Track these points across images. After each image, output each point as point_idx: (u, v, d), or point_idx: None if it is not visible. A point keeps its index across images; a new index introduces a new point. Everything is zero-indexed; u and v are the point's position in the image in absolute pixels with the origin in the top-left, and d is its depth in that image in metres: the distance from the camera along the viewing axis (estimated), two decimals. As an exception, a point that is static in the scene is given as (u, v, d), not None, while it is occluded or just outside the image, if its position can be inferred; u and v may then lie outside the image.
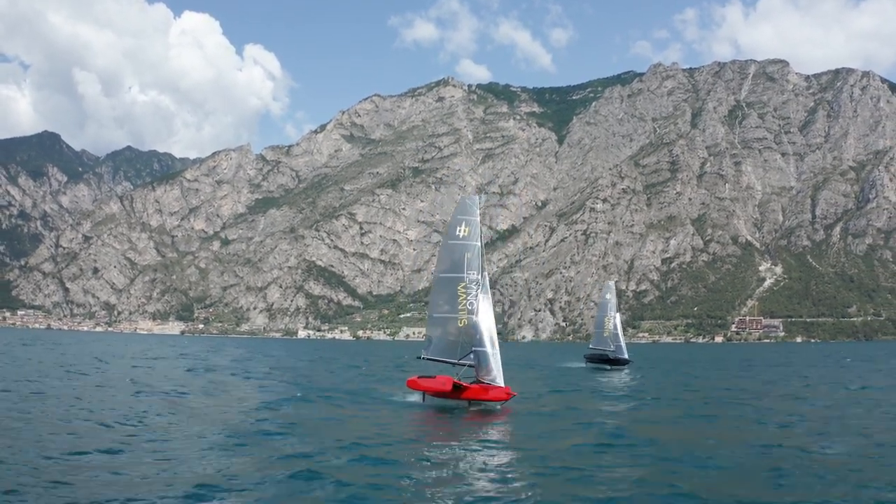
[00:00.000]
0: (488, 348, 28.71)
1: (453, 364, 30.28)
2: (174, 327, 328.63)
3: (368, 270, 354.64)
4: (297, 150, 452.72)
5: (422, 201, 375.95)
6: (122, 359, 68.91)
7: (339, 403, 31.25)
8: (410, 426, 26.27)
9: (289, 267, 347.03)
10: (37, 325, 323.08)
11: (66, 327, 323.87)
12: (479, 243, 30.07)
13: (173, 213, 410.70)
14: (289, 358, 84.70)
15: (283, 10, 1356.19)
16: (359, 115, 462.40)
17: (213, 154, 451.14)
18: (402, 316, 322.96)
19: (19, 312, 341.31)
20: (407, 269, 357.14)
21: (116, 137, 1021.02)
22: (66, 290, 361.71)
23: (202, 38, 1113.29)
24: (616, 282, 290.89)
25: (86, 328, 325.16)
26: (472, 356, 29.30)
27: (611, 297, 69.66)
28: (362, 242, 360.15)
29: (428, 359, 31.43)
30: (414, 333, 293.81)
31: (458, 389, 29.09)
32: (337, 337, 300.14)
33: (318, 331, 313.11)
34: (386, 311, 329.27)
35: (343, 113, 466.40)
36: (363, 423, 25.60)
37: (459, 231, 30.65)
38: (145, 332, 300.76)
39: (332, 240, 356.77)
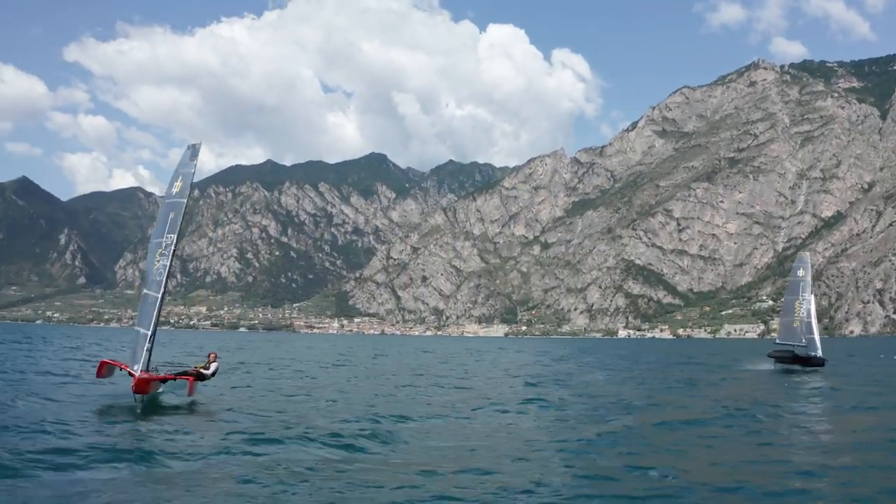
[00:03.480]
0: (143, 328, 25.66)
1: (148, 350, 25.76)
2: (498, 330, 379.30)
3: (688, 267, 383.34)
4: (611, 149, 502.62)
5: (740, 192, 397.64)
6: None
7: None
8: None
9: (607, 267, 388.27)
10: (372, 331, 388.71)
11: (398, 332, 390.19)
12: (185, 200, 27.38)
13: (494, 221, 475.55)
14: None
15: (585, 12, 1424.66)
16: (669, 109, 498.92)
17: (529, 161, 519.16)
18: (723, 313, 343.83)
19: (356, 320, 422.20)
20: (728, 264, 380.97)
21: (439, 152, 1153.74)
22: (398, 297, 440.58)
23: (510, 49, 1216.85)
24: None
25: (416, 332, 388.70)
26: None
27: (804, 274, 58.10)
28: (680, 239, 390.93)
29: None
30: (736, 331, 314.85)
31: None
32: (657, 336, 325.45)
33: (638, 330, 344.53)
34: (707, 308, 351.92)
35: (653, 108, 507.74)
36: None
37: (174, 187, 28.00)
38: (471, 335, 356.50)
39: (649, 238, 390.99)
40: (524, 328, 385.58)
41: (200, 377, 28.50)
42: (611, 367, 63.15)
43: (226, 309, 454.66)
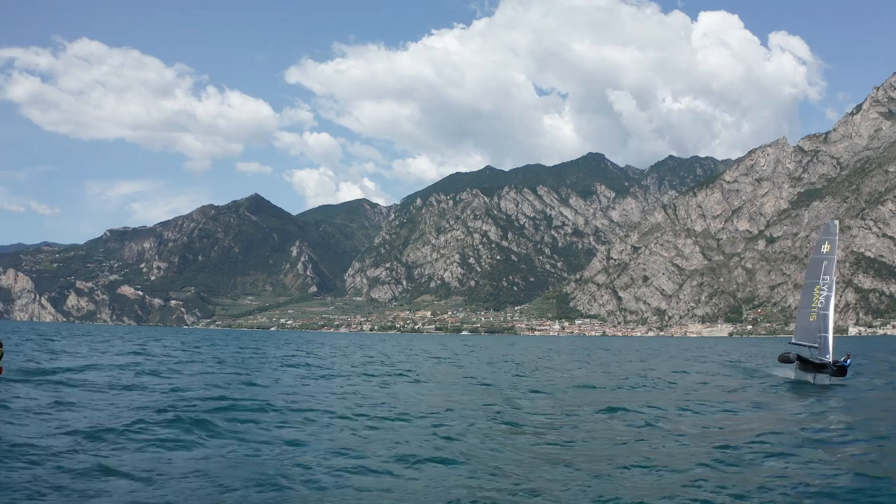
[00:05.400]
0: None
1: None
2: (722, 329, 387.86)
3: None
4: (835, 135, 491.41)
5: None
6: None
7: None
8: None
9: (837, 261, 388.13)
10: (592, 333, 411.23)
11: (619, 333, 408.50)
12: None
13: (716, 217, 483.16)
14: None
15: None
16: (894, 88, 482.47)
17: (750, 152, 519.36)
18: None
19: (577, 322, 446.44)
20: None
21: (658, 148, 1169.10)
22: (619, 298, 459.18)
23: (724, 36, 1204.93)
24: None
25: (638, 333, 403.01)
26: None
27: (829, 250, 48.61)
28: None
29: None
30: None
31: None
32: (888, 333, 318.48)
33: (870, 327, 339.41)
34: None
35: (877, 89, 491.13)
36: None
37: None
38: (695, 336, 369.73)
39: (879, 228, 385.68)
40: (749, 327, 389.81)
41: None
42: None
43: (449, 313, 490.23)
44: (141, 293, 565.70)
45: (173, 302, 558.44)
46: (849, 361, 44.75)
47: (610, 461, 19.66)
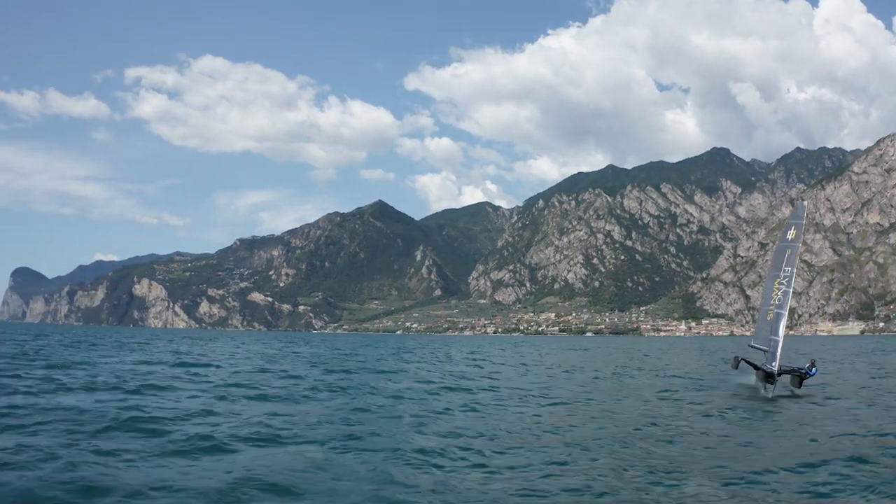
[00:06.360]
0: None
1: None
2: (854, 328, 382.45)
3: None
4: None
5: None
6: None
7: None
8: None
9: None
10: (720, 333, 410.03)
11: (748, 333, 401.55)
12: None
13: (845, 210, 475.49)
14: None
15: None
16: None
17: (878, 142, 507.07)
18: None
19: (703, 321, 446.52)
20: None
21: (785, 140, 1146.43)
22: (747, 297, 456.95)
23: (847, 21, 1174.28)
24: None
25: None
26: None
27: (794, 237, 40.28)
28: None
29: None
30: None
31: None
32: None
33: None
34: None
35: None
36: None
37: None
38: (825, 334, 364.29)
39: None
40: (882, 325, 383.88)
41: None
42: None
43: (573, 314, 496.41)
44: (270, 299, 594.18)
45: (301, 307, 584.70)
46: (814, 370, 38.90)
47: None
